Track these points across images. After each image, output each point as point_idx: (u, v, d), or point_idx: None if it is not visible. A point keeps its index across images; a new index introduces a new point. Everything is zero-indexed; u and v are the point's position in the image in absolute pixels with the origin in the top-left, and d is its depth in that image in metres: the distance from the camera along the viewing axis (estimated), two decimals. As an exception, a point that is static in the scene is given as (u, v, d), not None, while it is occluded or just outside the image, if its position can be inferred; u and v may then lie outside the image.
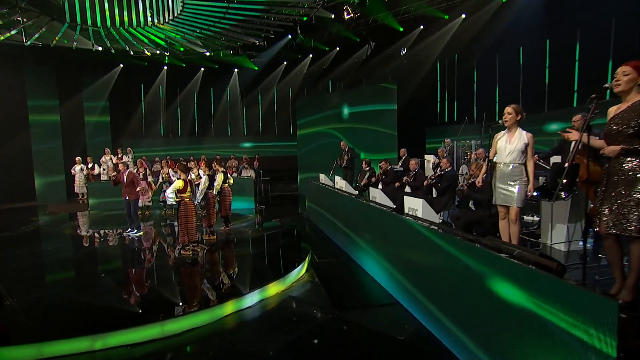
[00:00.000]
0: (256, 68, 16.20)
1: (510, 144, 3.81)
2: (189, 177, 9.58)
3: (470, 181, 5.37)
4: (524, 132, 3.83)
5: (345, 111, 13.15)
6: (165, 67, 15.75)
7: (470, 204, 5.55)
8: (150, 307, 4.12)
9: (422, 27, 11.72)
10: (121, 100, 15.73)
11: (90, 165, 12.60)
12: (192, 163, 9.41)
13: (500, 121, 3.89)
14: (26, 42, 11.41)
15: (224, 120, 17.63)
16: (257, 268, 5.64)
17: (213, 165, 7.56)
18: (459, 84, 12.78)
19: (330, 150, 12.66)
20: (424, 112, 13.09)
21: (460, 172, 8.12)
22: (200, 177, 9.14)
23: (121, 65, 15.05)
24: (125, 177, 7.52)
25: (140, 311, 4.05)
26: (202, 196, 6.70)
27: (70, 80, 14.43)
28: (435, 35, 11.79)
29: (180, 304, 4.19)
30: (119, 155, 12.69)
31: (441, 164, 6.23)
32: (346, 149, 10.12)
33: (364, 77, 13.24)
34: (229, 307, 4.31)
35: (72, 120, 14.39)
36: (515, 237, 3.88)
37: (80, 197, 12.57)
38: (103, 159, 12.64)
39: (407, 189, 6.80)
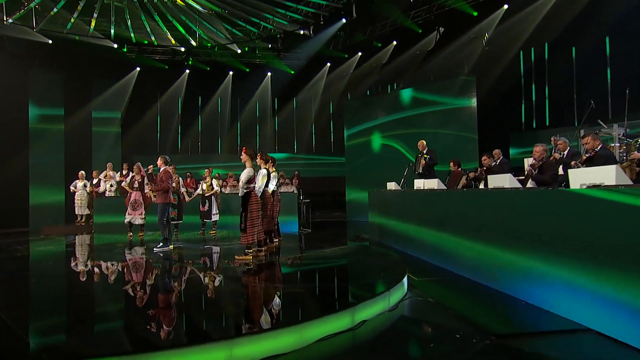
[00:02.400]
0: (292, 72, 16.06)
1: None
2: (201, 188, 9.28)
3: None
4: None
5: (407, 114, 12.74)
6: (187, 71, 15.87)
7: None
8: (216, 327, 3.48)
9: (506, 6, 11.13)
10: (135, 110, 15.74)
11: (95, 182, 12.15)
12: (207, 171, 9.77)
13: None
14: (35, 28, 11.50)
15: (251, 133, 17.27)
16: (342, 283, 5.01)
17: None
18: (552, 79, 11.92)
19: (388, 163, 12.43)
20: (506, 114, 12.21)
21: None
22: (213, 188, 9.57)
23: (138, 69, 15.24)
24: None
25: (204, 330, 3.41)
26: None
27: (79, 86, 14.59)
28: (519, 16, 11.15)
29: (253, 322, 3.50)
30: (125, 172, 12.21)
31: (585, 144, 5.29)
32: (425, 151, 9.18)
33: (430, 71, 12.65)
34: (321, 328, 3.36)
35: (77, 131, 14.40)
36: None
37: (79, 219, 12.17)
38: (103, 174, 12.16)
39: (531, 184, 5.78)
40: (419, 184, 7.30)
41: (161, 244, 7.10)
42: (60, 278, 5.57)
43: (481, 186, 6.88)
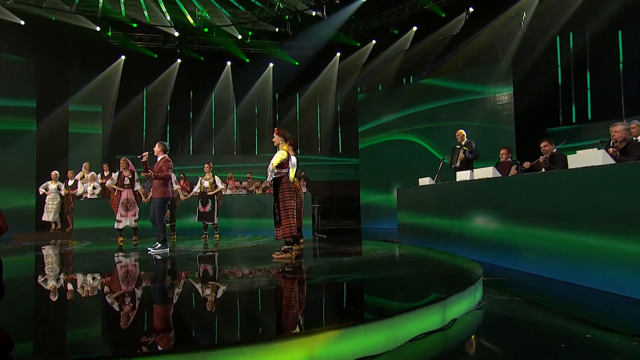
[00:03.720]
0: (296, 63, 15.81)
1: None
2: (201, 185, 8.84)
3: None
4: None
5: (430, 105, 12.67)
6: (179, 61, 15.50)
7: None
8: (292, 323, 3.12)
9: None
10: (119, 104, 15.30)
11: (71, 183, 11.54)
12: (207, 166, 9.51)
13: None
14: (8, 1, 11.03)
15: (249, 132, 16.89)
16: (408, 282, 4.54)
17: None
18: (595, 68, 11.74)
19: (411, 161, 12.30)
20: (543, 107, 11.97)
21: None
22: (216, 186, 9.28)
23: (123, 57, 14.85)
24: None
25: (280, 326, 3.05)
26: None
27: (55, 76, 14.07)
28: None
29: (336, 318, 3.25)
30: (106, 174, 11.79)
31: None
32: (463, 143, 8.86)
33: (459, 58, 12.39)
34: (412, 326, 2.98)
35: (52, 127, 13.83)
36: None
37: (53, 227, 11.66)
38: (79, 175, 11.61)
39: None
40: (463, 175, 7.02)
41: (159, 245, 6.75)
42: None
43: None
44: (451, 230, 6.78)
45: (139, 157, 7.07)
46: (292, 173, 6.30)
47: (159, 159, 6.99)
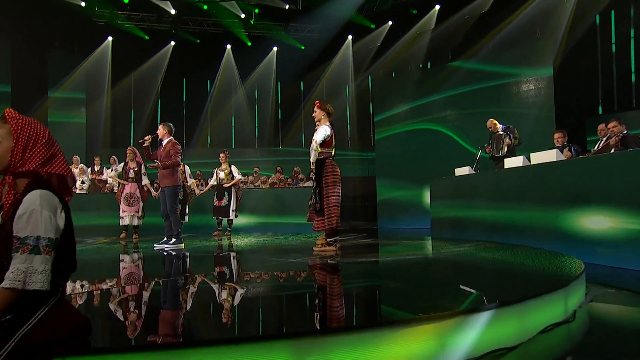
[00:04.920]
0: (302, 47, 15.55)
1: None
2: (217, 177, 8.60)
3: None
4: None
5: (457, 91, 12.50)
6: (173, 43, 15.15)
7: None
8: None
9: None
10: (105, 91, 14.92)
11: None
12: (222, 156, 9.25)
13: None
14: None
15: (247, 123, 16.63)
16: (514, 274, 4.24)
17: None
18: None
19: (438, 152, 12.12)
20: (582, 95, 11.80)
21: None
22: (233, 177, 9.00)
23: (110, 38, 14.51)
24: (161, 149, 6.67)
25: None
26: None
27: (32, 58, 13.70)
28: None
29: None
30: (97, 168, 11.78)
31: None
32: (498, 131, 8.72)
33: (488, 38, 12.15)
34: (539, 315, 2.76)
35: (29, 115, 12.46)
36: None
37: None
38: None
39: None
40: (513, 162, 6.89)
41: (174, 239, 6.55)
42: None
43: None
44: (512, 221, 6.52)
45: (140, 141, 6.79)
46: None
47: (164, 142, 6.70)
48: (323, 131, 5.21)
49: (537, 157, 6.42)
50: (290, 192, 10.99)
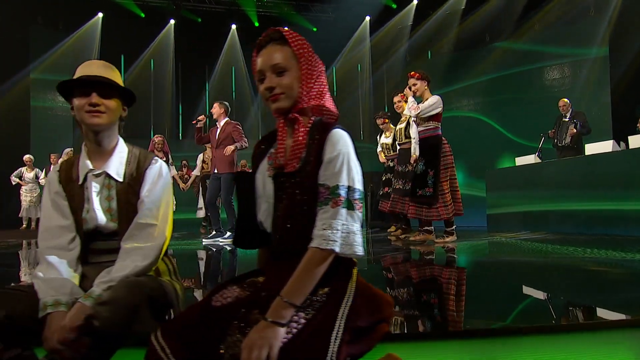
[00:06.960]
0: (315, 29, 14.73)
1: None
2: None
3: None
4: None
5: (497, 74, 11.98)
6: (172, 22, 14.15)
7: None
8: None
9: None
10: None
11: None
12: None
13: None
14: None
15: (248, 112, 15.76)
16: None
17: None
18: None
19: (473, 142, 11.41)
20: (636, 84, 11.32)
21: None
22: None
23: (100, 14, 13.55)
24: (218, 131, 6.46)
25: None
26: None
27: (12, 36, 12.87)
28: None
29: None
30: None
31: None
32: (568, 114, 8.28)
33: (534, 17, 11.43)
34: None
35: (8, 100, 12.78)
36: None
37: (24, 225, 11.38)
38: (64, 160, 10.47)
39: None
40: (596, 147, 6.73)
41: (228, 233, 6.40)
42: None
43: None
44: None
45: (193, 122, 6.57)
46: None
47: (222, 123, 6.38)
48: (433, 102, 4.90)
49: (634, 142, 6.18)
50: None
